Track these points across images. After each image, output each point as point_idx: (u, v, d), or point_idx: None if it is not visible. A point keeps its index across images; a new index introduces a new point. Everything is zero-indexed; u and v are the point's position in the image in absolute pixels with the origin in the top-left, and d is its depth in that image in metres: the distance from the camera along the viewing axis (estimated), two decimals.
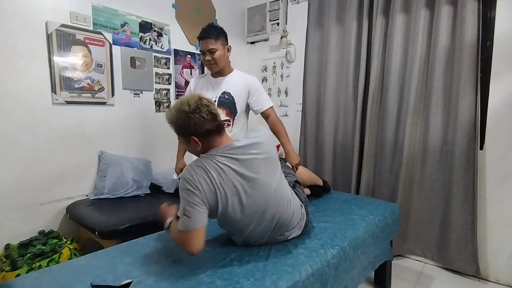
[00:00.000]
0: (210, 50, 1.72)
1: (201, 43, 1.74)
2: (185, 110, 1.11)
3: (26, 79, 1.86)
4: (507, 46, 1.90)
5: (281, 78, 3.14)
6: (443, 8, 2.02)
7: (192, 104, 1.11)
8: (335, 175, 2.66)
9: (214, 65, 1.77)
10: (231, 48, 1.85)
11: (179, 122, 1.13)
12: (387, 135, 2.31)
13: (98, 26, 2.16)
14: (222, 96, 1.80)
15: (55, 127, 2.00)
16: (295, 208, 1.29)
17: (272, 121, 1.88)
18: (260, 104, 1.86)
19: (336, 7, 2.54)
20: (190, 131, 1.13)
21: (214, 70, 1.82)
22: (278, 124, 1.87)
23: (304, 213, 1.35)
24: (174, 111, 1.14)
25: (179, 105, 1.13)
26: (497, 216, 2.00)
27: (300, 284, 1.06)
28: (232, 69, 1.89)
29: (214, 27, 1.76)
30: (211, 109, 1.14)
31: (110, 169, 2.18)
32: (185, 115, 1.11)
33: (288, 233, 1.29)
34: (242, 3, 3.23)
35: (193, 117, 1.10)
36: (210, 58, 1.73)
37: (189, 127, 1.12)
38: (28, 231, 1.91)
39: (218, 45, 1.73)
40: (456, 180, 2.02)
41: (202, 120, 1.11)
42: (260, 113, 1.90)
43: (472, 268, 2.01)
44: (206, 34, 1.71)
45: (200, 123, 1.11)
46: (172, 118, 1.15)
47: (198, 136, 1.14)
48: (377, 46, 2.32)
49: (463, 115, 1.98)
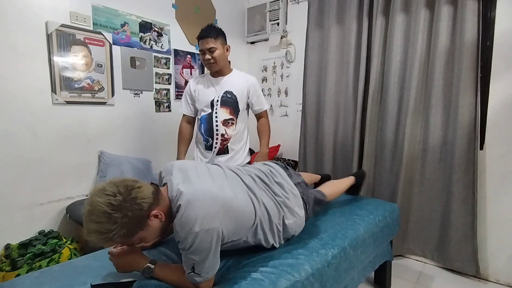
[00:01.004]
0: (210, 49, 1.72)
1: (201, 42, 1.75)
2: (118, 199, 0.86)
3: (26, 79, 1.86)
4: (507, 46, 1.90)
5: (281, 78, 3.14)
6: (443, 8, 2.02)
7: (117, 189, 0.87)
8: (335, 175, 2.65)
9: (213, 64, 1.77)
10: (230, 48, 1.87)
11: (128, 214, 0.86)
12: (387, 135, 2.31)
13: (98, 26, 2.16)
14: (225, 95, 1.81)
15: (55, 127, 2.00)
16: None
17: (263, 122, 1.97)
18: (260, 104, 1.93)
19: (336, 7, 2.54)
20: (143, 209, 0.89)
21: (214, 70, 1.81)
22: (267, 127, 1.97)
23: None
24: (103, 216, 0.84)
25: (103, 204, 0.84)
26: (497, 216, 2.00)
27: (300, 284, 1.06)
28: (231, 69, 1.91)
29: (214, 27, 1.78)
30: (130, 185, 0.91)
31: (110, 169, 2.18)
32: (122, 198, 0.86)
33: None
34: (242, 3, 3.23)
35: (132, 194, 0.88)
36: (210, 57, 1.74)
37: (141, 210, 0.89)
38: (28, 231, 1.91)
39: (218, 44, 1.75)
40: (456, 180, 2.02)
41: (139, 188, 0.91)
42: (255, 114, 1.96)
43: (472, 268, 2.01)
44: (206, 33, 1.72)
45: (143, 192, 0.90)
46: (110, 223, 0.84)
47: (154, 206, 0.93)
48: (377, 46, 2.32)
49: (463, 115, 1.98)
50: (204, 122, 1.82)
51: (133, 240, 0.93)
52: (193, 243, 0.90)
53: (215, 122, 1.79)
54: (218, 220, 0.95)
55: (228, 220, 1.00)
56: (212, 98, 1.80)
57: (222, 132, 1.80)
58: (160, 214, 0.93)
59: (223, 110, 1.80)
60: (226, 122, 1.79)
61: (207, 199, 0.97)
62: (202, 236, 0.91)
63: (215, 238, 0.93)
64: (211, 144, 1.81)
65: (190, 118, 1.95)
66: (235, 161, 1.86)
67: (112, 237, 0.86)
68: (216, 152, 1.82)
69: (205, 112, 1.82)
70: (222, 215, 0.98)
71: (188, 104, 1.92)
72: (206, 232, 0.91)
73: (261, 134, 1.98)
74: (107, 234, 0.85)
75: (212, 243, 0.93)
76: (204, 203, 0.95)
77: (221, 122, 1.78)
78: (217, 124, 1.78)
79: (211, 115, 1.80)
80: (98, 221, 0.84)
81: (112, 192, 0.86)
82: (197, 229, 0.90)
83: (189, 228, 0.90)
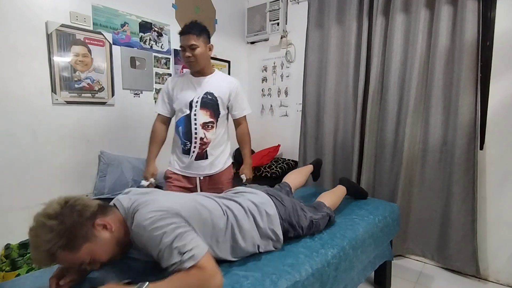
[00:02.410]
0: (191, 46, 1.61)
1: (182, 38, 1.64)
2: (54, 207, 0.86)
3: (26, 79, 1.86)
4: (507, 46, 1.90)
5: (281, 78, 3.14)
6: (443, 8, 2.02)
7: (56, 201, 0.88)
8: (335, 175, 2.66)
9: (194, 63, 1.66)
10: (213, 48, 1.75)
11: (65, 221, 0.84)
12: (387, 135, 2.31)
13: (98, 26, 2.16)
14: (205, 97, 1.69)
15: (55, 127, 2.00)
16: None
17: (242, 130, 1.86)
18: (239, 109, 1.81)
19: (336, 7, 2.54)
20: (83, 216, 0.87)
21: (194, 69, 1.70)
22: (247, 136, 1.87)
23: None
24: (40, 227, 0.83)
25: (40, 216, 0.85)
26: (497, 216, 2.00)
27: (300, 284, 1.06)
28: (213, 70, 1.78)
29: (197, 24, 1.66)
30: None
31: (110, 169, 2.18)
32: (59, 207, 0.86)
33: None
34: (242, 3, 3.23)
35: (70, 202, 0.88)
36: (190, 55, 1.63)
37: (80, 216, 0.86)
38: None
39: (200, 42, 1.63)
40: (456, 180, 2.02)
41: (80, 199, 0.90)
42: (233, 119, 1.85)
43: (472, 268, 2.01)
44: (188, 29, 1.62)
45: (84, 201, 0.89)
46: (49, 236, 0.81)
47: (99, 215, 0.91)
48: (377, 46, 2.32)
49: (463, 115, 1.98)
50: (182, 124, 1.70)
51: (81, 256, 0.86)
52: (154, 223, 0.87)
53: (193, 125, 1.67)
54: (175, 205, 0.95)
55: (189, 212, 0.98)
56: (192, 98, 1.68)
57: (201, 136, 1.68)
58: (108, 224, 0.90)
59: (203, 112, 1.68)
60: (205, 125, 1.68)
61: (162, 199, 0.98)
62: (160, 215, 0.89)
63: (175, 216, 0.91)
64: (189, 148, 1.69)
65: (165, 119, 1.80)
66: (215, 166, 1.75)
67: (52, 249, 0.80)
68: (195, 157, 1.70)
69: (183, 114, 1.69)
70: (180, 206, 0.97)
71: (164, 103, 1.77)
72: (163, 213, 0.90)
73: (243, 143, 1.87)
74: (45, 245, 0.80)
75: (174, 219, 0.90)
76: (158, 201, 0.95)
77: (200, 124, 1.67)
78: (196, 126, 1.67)
79: (190, 116, 1.68)
80: (35, 235, 0.82)
81: (50, 203, 0.86)
82: (152, 214, 0.89)
83: (145, 218, 0.88)
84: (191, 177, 1.75)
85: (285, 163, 2.94)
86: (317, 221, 1.39)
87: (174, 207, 0.95)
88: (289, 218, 1.31)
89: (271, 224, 1.23)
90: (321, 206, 1.51)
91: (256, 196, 1.30)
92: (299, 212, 1.36)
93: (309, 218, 1.37)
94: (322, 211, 1.47)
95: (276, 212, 1.28)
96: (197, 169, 1.73)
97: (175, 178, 1.74)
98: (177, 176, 1.75)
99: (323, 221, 1.43)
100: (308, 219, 1.37)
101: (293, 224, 1.32)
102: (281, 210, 1.31)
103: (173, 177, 1.74)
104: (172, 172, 1.75)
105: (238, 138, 1.89)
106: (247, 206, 1.21)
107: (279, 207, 1.31)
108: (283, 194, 1.45)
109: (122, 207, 0.99)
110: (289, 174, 1.86)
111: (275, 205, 1.30)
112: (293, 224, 1.31)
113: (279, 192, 1.45)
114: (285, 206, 1.34)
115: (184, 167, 1.73)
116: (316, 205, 1.52)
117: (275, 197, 1.35)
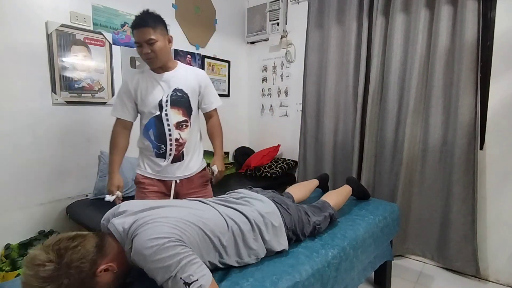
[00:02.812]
0: (149, 41, 1.42)
1: (136, 32, 1.43)
2: (48, 268, 0.76)
3: (26, 79, 1.86)
4: (507, 46, 1.90)
5: (281, 78, 3.14)
6: (443, 8, 2.02)
7: (47, 256, 0.78)
8: (335, 175, 2.66)
9: (154, 59, 1.47)
10: (172, 39, 1.57)
11: (64, 282, 0.77)
12: (387, 135, 2.31)
13: (98, 26, 2.16)
14: (174, 94, 1.53)
15: (55, 127, 2.00)
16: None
17: (213, 123, 1.72)
18: (209, 102, 1.67)
19: (336, 7, 2.54)
20: (83, 271, 0.81)
21: (155, 66, 1.51)
22: (218, 128, 1.73)
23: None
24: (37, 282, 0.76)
25: (34, 278, 0.76)
26: (497, 216, 2.00)
27: (300, 284, 1.06)
28: (176, 63, 1.61)
29: (151, 14, 1.46)
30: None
31: None
32: (53, 267, 0.77)
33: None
34: (242, 3, 3.23)
35: (66, 259, 0.79)
36: (149, 51, 1.43)
37: (80, 272, 0.80)
38: (28, 231, 1.91)
39: (158, 35, 1.44)
40: (456, 180, 2.02)
41: (74, 248, 0.81)
42: (204, 112, 1.70)
43: (472, 268, 2.01)
44: (142, 22, 1.41)
45: (80, 252, 0.81)
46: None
47: (100, 261, 0.84)
48: (377, 46, 2.32)
49: (463, 115, 1.98)
50: (152, 127, 1.53)
51: None
52: (156, 255, 0.83)
53: (166, 126, 1.52)
54: (176, 228, 0.90)
55: (191, 234, 0.94)
56: (160, 98, 1.51)
57: (176, 137, 1.54)
58: (110, 266, 0.85)
59: (175, 111, 1.53)
60: (179, 124, 1.54)
61: (162, 219, 0.92)
62: (162, 245, 0.84)
63: (178, 245, 0.86)
64: (165, 151, 1.54)
65: (127, 123, 1.58)
66: (190, 169, 1.61)
67: None
68: (171, 160, 1.56)
69: (152, 115, 1.53)
70: (182, 228, 0.93)
71: (125, 106, 1.55)
72: (165, 241, 0.85)
73: (214, 135, 1.72)
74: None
75: (177, 249, 0.85)
76: (158, 223, 0.90)
77: (174, 125, 1.53)
78: (170, 127, 1.52)
79: (161, 117, 1.52)
80: None
81: (42, 261, 0.76)
82: (153, 243, 0.84)
83: (145, 247, 0.83)
84: (166, 181, 1.59)
85: (285, 163, 2.94)
86: (319, 226, 1.38)
87: (175, 232, 0.90)
88: (294, 227, 1.29)
89: (276, 235, 1.21)
90: (325, 207, 1.49)
91: (262, 205, 1.26)
92: (304, 219, 1.34)
93: (313, 224, 1.36)
94: (325, 211, 1.45)
95: (282, 222, 1.25)
96: (173, 172, 1.57)
97: (149, 183, 1.57)
98: (151, 180, 1.57)
99: (324, 223, 1.42)
100: (312, 225, 1.35)
101: (297, 233, 1.31)
102: (287, 220, 1.28)
103: (146, 182, 1.57)
104: (144, 176, 1.58)
105: (209, 130, 1.72)
106: (253, 219, 1.16)
107: (285, 215, 1.28)
108: (289, 201, 1.42)
109: (118, 233, 0.93)
110: (293, 186, 1.78)
111: (281, 214, 1.27)
112: (296, 233, 1.30)
113: (285, 199, 1.41)
114: (291, 214, 1.31)
115: (159, 171, 1.57)
116: (320, 205, 1.50)
117: (281, 205, 1.32)
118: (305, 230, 1.33)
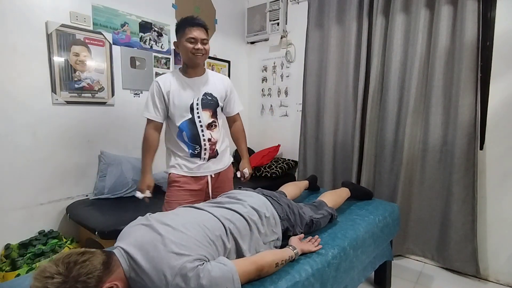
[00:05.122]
0: (203, 41, 1.56)
1: (194, 29, 1.54)
2: (56, 281, 0.76)
3: (26, 79, 1.86)
4: (507, 46, 1.90)
5: (281, 78, 3.14)
6: (443, 8, 2.02)
7: (56, 268, 0.78)
8: (335, 175, 2.66)
9: (202, 57, 1.60)
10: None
11: None
12: (387, 135, 2.31)
13: (98, 26, 2.16)
14: (205, 98, 1.65)
15: (55, 127, 2.00)
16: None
17: (238, 127, 1.85)
18: (233, 106, 1.80)
19: (336, 7, 2.54)
20: (89, 286, 0.80)
21: (199, 62, 1.62)
22: (243, 132, 1.87)
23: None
24: None
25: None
26: (497, 216, 2.00)
27: (300, 284, 1.06)
28: (204, 68, 1.73)
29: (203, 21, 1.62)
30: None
31: (110, 169, 2.18)
32: (61, 280, 0.76)
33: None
34: (242, 3, 3.23)
35: (74, 272, 0.78)
36: (202, 48, 1.57)
37: (85, 284, 0.79)
38: (28, 231, 1.91)
39: (208, 38, 1.62)
40: (456, 180, 2.02)
41: (83, 263, 0.81)
42: (228, 116, 1.82)
43: (472, 268, 2.01)
44: (200, 22, 1.56)
45: (87, 267, 0.80)
46: None
47: (106, 278, 0.84)
48: (377, 46, 2.32)
49: (463, 115, 1.98)
50: (186, 129, 1.62)
51: None
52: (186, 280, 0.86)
53: (199, 127, 1.62)
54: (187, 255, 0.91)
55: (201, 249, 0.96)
56: (191, 101, 1.61)
57: (208, 137, 1.65)
58: (115, 284, 0.85)
59: (205, 113, 1.64)
60: (210, 125, 1.66)
61: (173, 246, 0.93)
62: (187, 271, 0.86)
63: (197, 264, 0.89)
64: (199, 152, 1.65)
65: (159, 125, 1.69)
66: (223, 162, 1.74)
67: None
68: (207, 158, 1.66)
69: (185, 118, 1.62)
70: (193, 248, 0.94)
71: (157, 108, 1.64)
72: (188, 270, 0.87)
73: (240, 140, 1.86)
74: None
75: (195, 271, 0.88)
76: (171, 255, 0.91)
77: (206, 126, 1.64)
78: (202, 129, 1.63)
79: (193, 120, 1.62)
80: None
81: (50, 273, 0.76)
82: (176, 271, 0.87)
83: (169, 270, 0.87)
84: (202, 177, 1.67)
85: (285, 163, 2.94)
86: (317, 220, 1.40)
87: (187, 259, 0.90)
88: (287, 216, 1.33)
89: (270, 225, 1.25)
90: (322, 205, 1.52)
91: (253, 199, 1.30)
92: (297, 211, 1.38)
93: (309, 218, 1.38)
94: (322, 209, 1.48)
95: (274, 211, 1.30)
96: (208, 167, 1.68)
97: (185, 182, 1.64)
98: (186, 178, 1.65)
99: (323, 220, 1.44)
100: (308, 218, 1.38)
101: (292, 223, 1.33)
102: (279, 209, 1.32)
103: (182, 180, 1.64)
104: (180, 175, 1.65)
105: (234, 135, 1.87)
106: (248, 216, 1.19)
107: (276, 205, 1.33)
108: (279, 195, 1.46)
109: (121, 259, 0.94)
110: (286, 185, 1.83)
111: (272, 205, 1.32)
112: (291, 223, 1.33)
113: (274, 192, 1.45)
114: (281, 205, 1.36)
115: (195, 168, 1.65)
116: (317, 203, 1.54)
117: (271, 197, 1.37)
118: (300, 221, 1.36)
